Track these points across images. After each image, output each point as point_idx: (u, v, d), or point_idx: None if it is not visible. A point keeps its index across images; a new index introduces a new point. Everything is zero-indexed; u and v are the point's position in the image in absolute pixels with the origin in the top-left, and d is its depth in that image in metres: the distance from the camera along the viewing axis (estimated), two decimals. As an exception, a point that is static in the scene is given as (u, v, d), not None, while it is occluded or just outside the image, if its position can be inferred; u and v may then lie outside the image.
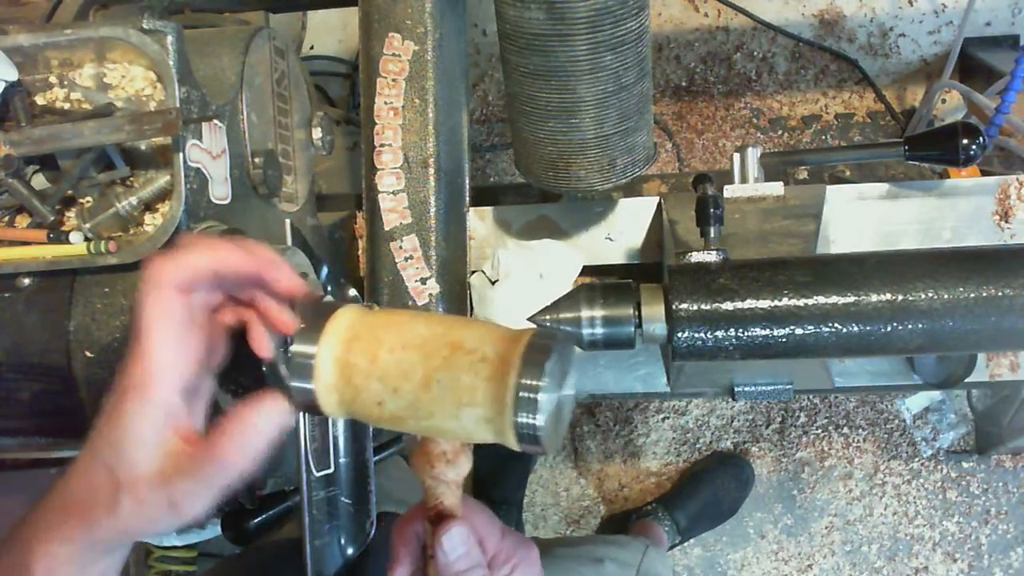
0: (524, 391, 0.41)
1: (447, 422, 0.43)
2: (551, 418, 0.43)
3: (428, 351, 0.43)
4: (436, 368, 0.43)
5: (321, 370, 0.45)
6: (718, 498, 1.56)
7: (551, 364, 0.42)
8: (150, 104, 0.68)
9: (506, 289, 0.95)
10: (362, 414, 0.46)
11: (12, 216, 0.67)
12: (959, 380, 0.90)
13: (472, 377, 0.42)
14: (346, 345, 0.45)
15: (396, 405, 0.44)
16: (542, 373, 0.41)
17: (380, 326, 0.45)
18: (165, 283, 0.44)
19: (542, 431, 0.42)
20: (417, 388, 0.43)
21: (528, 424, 0.41)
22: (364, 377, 0.44)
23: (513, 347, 0.43)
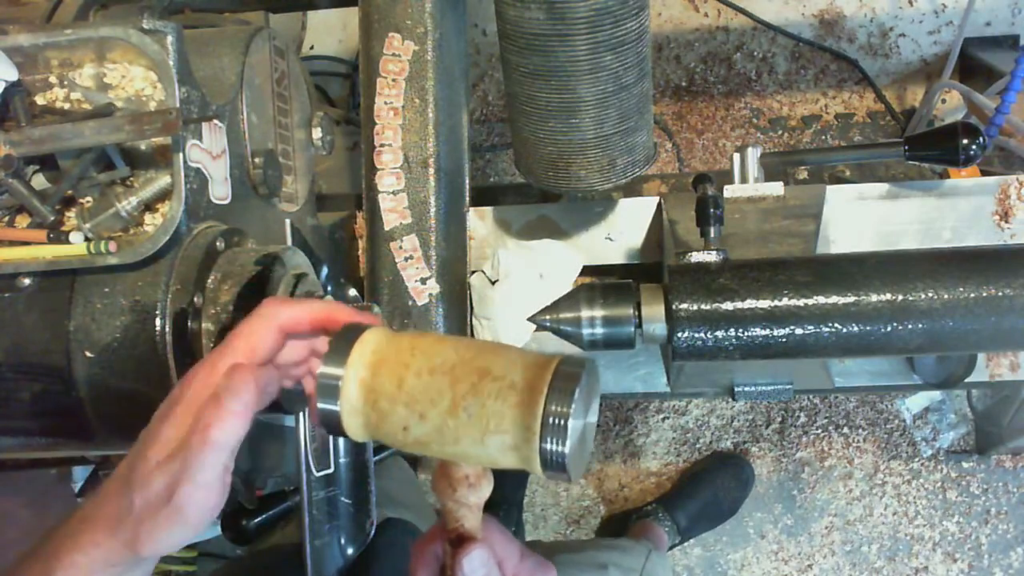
0: (552, 418, 0.41)
1: (473, 448, 0.43)
2: (577, 445, 0.43)
3: (456, 377, 0.43)
4: (464, 394, 0.43)
5: (347, 393, 0.45)
6: (718, 498, 1.56)
7: (579, 392, 0.42)
8: (150, 104, 0.68)
9: (506, 289, 0.95)
10: (387, 438, 0.46)
11: (12, 216, 0.67)
12: (959, 380, 0.90)
13: (500, 404, 0.42)
14: (372, 368, 0.45)
15: (422, 430, 0.44)
16: (571, 400, 0.41)
17: (407, 350, 0.45)
18: (273, 318, 0.49)
19: (568, 458, 0.41)
20: (444, 414, 0.43)
21: (555, 452, 0.41)
22: (390, 402, 0.44)
23: (541, 374, 0.42)
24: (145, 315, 0.62)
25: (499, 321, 0.94)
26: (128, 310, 0.62)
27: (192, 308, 0.63)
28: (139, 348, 0.62)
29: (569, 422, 0.41)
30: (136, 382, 0.62)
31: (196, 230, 0.67)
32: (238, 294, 0.64)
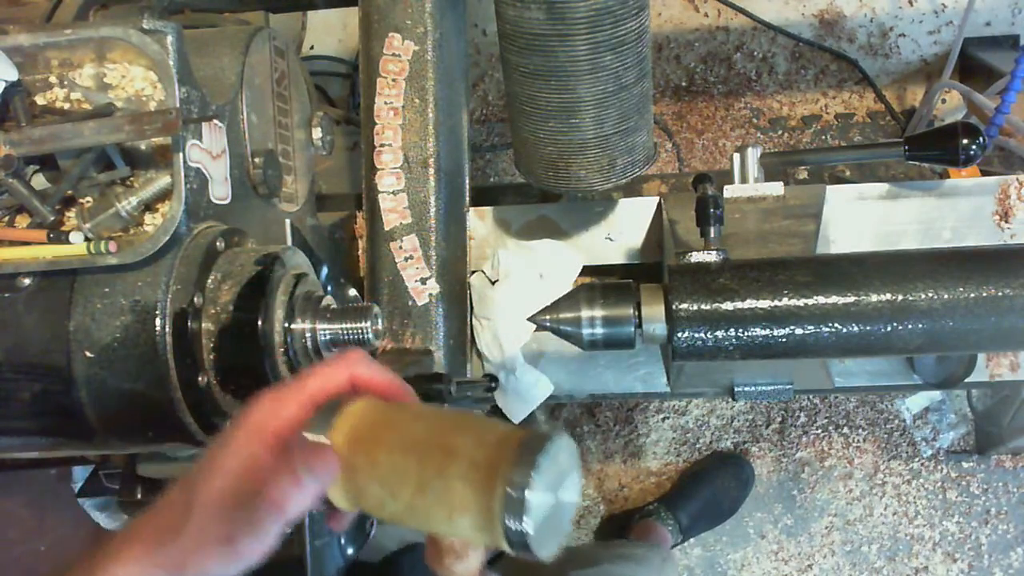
0: (512, 495, 0.40)
1: (444, 527, 0.43)
2: (544, 523, 0.41)
3: (423, 455, 0.43)
4: (430, 476, 0.43)
5: (332, 495, 0.47)
6: (718, 497, 1.56)
7: (542, 466, 0.41)
8: (150, 104, 0.68)
9: (506, 289, 0.95)
10: (369, 511, 0.46)
11: (12, 216, 0.67)
12: (959, 380, 0.90)
13: (463, 485, 0.42)
14: (350, 446, 0.45)
15: (395, 508, 0.44)
16: (530, 477, 0.40)
17: (383, 424, 0.46)
18: (353, 367, 0.50)
19: (532, 538, 0.40)
20: (413, 494, 0.43)
21: (517, 531, 0.40)
22: (365, 479, 0.45)
23: (502, 450, 0.42)
24: (145, 315, 0.62)
25: (499, 321, 0.94)
26: (128, 310, 0.62)
27: (192, 308, 0.63)
28: (139, 348, 0.62)
29: (528, 498, 0.40)
30: (136, 382, 0.62)
31: (196, 230, 0.67)
32: (238, 294, 0.64)
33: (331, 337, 0.67)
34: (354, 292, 0.97)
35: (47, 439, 0.68)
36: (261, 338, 0.63)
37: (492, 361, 0.95)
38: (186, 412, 0.64)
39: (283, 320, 0.65)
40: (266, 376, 0.64)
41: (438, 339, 0.91)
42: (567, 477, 0.43)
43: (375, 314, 0.68)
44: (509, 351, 0.94)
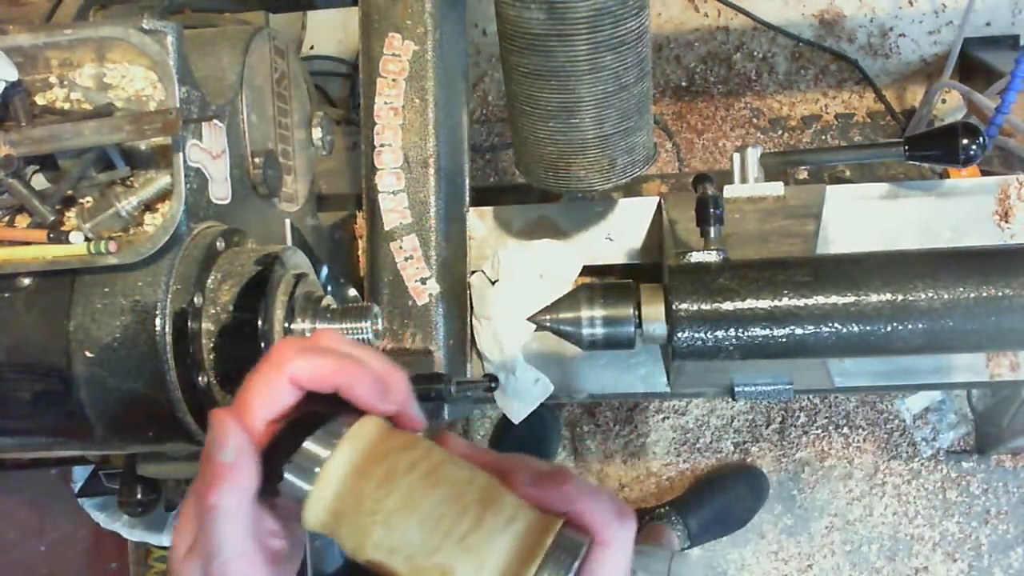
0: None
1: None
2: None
3: (415, 568, 0.39)
4: (464, 530, 0.39)
5: (309, 524, 0.42)
6: (731, 507, 1.56)
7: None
8: (150, 104, 0.68)
9: (506, 289, 0.95)
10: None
11: (12, 216, 0.67)
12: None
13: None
14: (333, 516, 0.41)
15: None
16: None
17: (368, 508, 0.40)
18: (286, 369, 0.42)
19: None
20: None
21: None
22: (352, 552, 0.41)
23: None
24: (145, 315, 0.62)
25: (499, 321, 0.94)
26: (128, 310, 0.62)
27: (192, 308, 0.63)
28: (139, 348, 0.62)
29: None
30: (136, 382, 0.62)
31: (196, 230, 0.67)
32: (238, 294, 0.64)
33: (331, 337, 0.67)
34: (354, 292, 0.97)
35: (47, 439, 0.68)
36: (261, 338, 0.63)
37: (492, 361, 0.95)
38: (186, 412, 0.64)
39: (283, 320, 0.65)
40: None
41: (438, 339, 0.91)
42: None
43: (375, 314, 0.68)
44: (509, 351, 0.94)
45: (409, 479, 0.40)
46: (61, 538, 1.36)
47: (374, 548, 0.40)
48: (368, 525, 0.40)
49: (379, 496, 0.40)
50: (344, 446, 0.41)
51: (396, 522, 0.39)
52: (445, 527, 0.39)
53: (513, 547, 0.39)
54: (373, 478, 0.41)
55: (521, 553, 0.38)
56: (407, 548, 0.39)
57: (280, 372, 0.42)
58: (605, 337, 0.67)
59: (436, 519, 0.39)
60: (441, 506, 0.39)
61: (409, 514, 0.39)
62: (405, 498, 0.40)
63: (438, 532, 0.39)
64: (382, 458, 0.41)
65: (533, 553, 0.38)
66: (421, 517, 0.39)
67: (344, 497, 0.41)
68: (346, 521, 0.40)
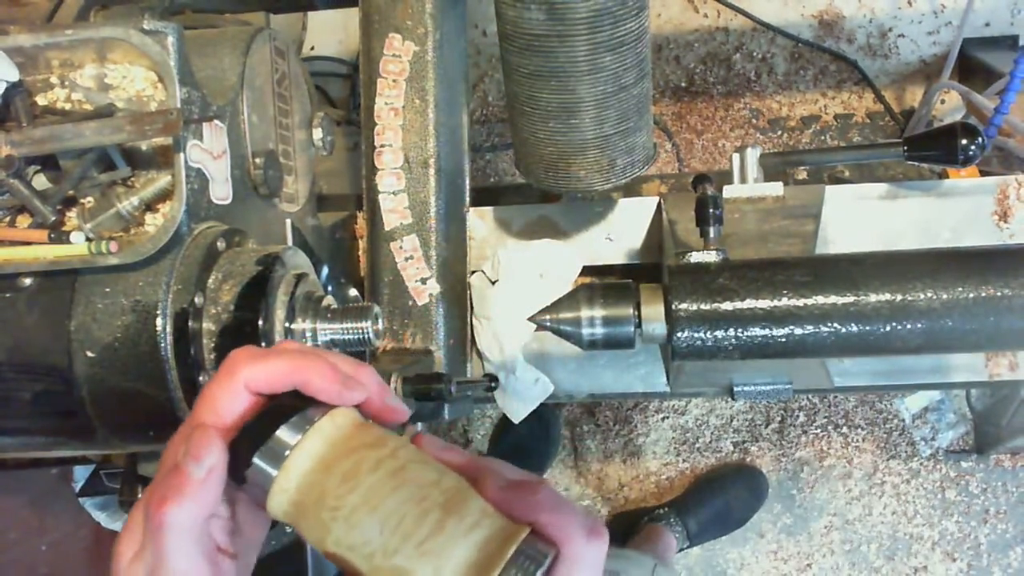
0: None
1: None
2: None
3: (373, 567, 0.39)
4: (427, 530, 0.38)
5: (273, 512, 0.41)
6: (730, 507, 1.56)
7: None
8: (151, 105, 0.68)
9: (506, 289, 0.95)
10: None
11: (13, 216, 0.67)
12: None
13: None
14: (295, 509, 0.41)
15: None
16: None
17: (330, 503, 0.39)
18: (238, 377, 0.42)
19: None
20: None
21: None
22: (314, 545, 0.41)
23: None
24: (146, 315, 0.62)
25: (499, 321, 0.94)
26: (129, 310, 0.62)
27: (193, 308, 0.63)
28: (140, 348, 0.62)
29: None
30: (137, 382, 0.63)
31: (197, 230, 0.67)
32: (239, 294, 0.64)
33: (331, 337, 0.67)
34: (354, 292, 0.97)
35: (48, 438, 0.68)
36: (262, 338, 0.63)
37: (492, 361, 0.96)
38: (187, 412, 0.64)
39: (284, 320, 0.65)
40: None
41: (438, 339, 0.91)
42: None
43: (375, 314, 0.68)
44: (509, 351, 0.94)
45: (373, 477, 0.40)
46: (62, 538, 1.36)
47: (334, 544, 0.39)
48: (329, 520, 0.39)
49: (341, 492, 0.39)
50: (311, 437, 0.41)
51: (356, 520, 0.39)
52: (405, 529, 0.38)
53: (473, 554, 0.38)
54: (337, 473, 0.40)
55: (481, 561, 0.38)
56: (366, 547, 0.38)
57: (233, 379, 0.42)
58: (605, 337, 0.67)
59: (397, 520, 0.38)
60: (403, 507, 0.39)
61: (370, 513, 0.39)
62: (367, 496, 0.39)
63: (398, 534, 0.38)
64: (349, 453, 0.41)
65: (493, 562, 0.37)
66: (382, 517, 0.39)
67: (307, 490, 0.40)
68: (308, 514, 0.40)
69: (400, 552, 0.38)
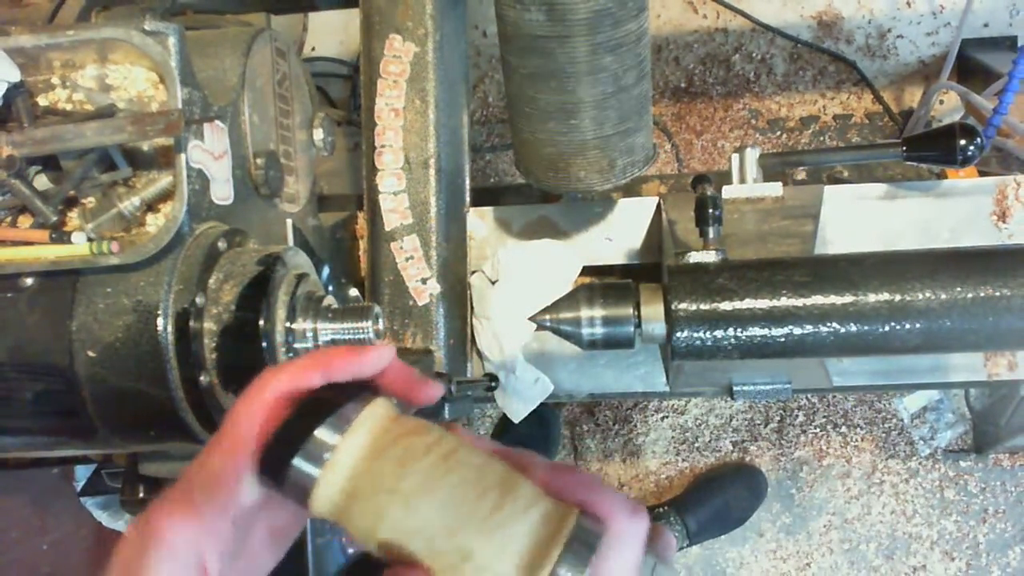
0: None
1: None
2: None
3: (434, 549, 0.39)
4: (440, 571, 0.38)
5: (317, 507, 0.41)
6: (730, 506, 1.56)
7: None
8: (152, 105, 0.69)
9: (506, 289, 0.95)
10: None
11: (15, 216, 0.68)
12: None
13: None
14: (346, 497, 0.40)
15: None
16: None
17: (387, 487, 0.39)
18: (270, 392, 0.43)
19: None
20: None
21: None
22: (361, 536, 0.40)
23: (531, 573, 0.38)
24: (147, 315, 0.62)
25: (499, 321, 0.94)
26: (130, 310, 0.62)
27: (194, 308, 0.63)
28: (141, 348, 0.62)
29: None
30: (138, 381, 0.63)
31: (198, 230, 0.67)
32: (240, 294, 0.64)
33: (332, 337, 0.67)
34: (355, 292, 0.97)
35: (49, 438, 0.68)
36: (263, 338, 0.63)
37: (492, 361, 0.96)
38: (188, 411, 0.64)
39: (284, 320, 0.65)
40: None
41: (438, 339, 0.91)
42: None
43: (376, 314, 0.68)
44: (509, 351, 0.94)
45: (427, 461, 0.40)
46: (63, 537, 1.36)
47: (389, 530, 0.39)
48: (385, 506, 0.39)
49: (396, 478, 0.39)
50: (359, 428, 0.41)
51: (415, 503, 0.39)
52: (466, 509, 0.38)
53: (534, 531, 0.38)
54: (390, 459, 0.40)
55: (543, 538, 0.38)
56: (426, 530, 0.38)
57: (262, 391, 0.42)
58: (605, 337, 0.67)
59: (456, 501, 0.39)
60: (461, 488, 0.39)
61: (429, 495, 0.39)
62: (424, 479, 0.39)
63: (459, 514, 0.38)
64: (397, 440, 0.41)
65: (554, 538, 0.38)
66: (441, 498, 0.39)
67: (359, 478, 0.40)
68: (361, 502, 0.40)
69: (462, 532, 0.38)
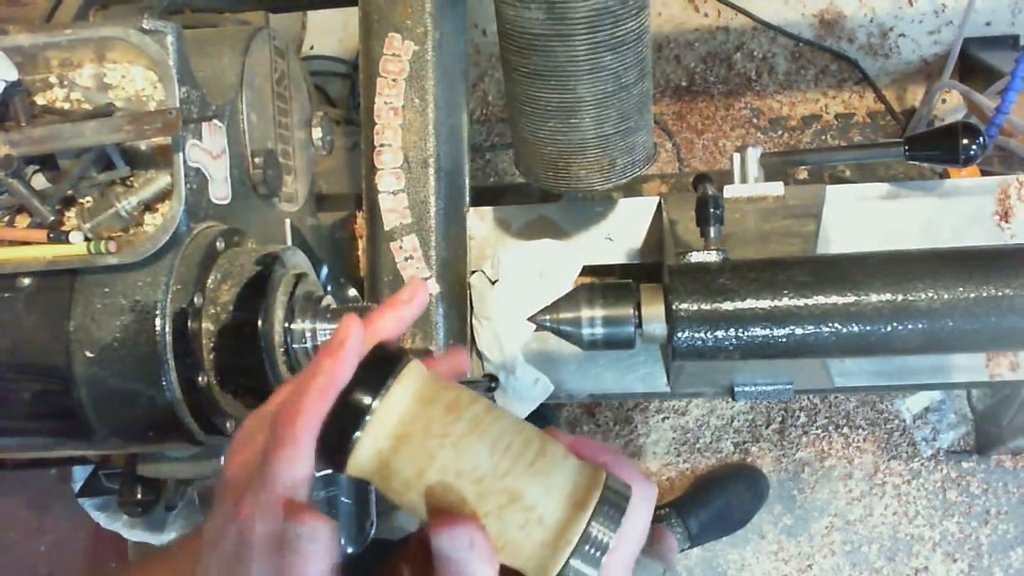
0: (577, 563, 0.39)
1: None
2: None
3: (482, 491, 0.40)
4: (485, 514, 0.40)
5: (360, 456, 0.42)
6: (731, 508, 1.56)
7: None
8: (150, 104, 0.68)
9: (506, 289, 0.95)
10: (389, 498, 0.43)
11: (12, 216, 0.67)
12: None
13: (523, 537, 0.40)
14: (394, 442, 0.41)
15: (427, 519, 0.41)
16: (602, 550, 0.39)
17: (437, 431, 0.41)
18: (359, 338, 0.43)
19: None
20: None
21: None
22: (404, 486, 0.41)
23: (576, 514, 0.40)
24: (145, 315, 0.62)
25: (499, 321, 0.94)
26: (128, 310, 0.62)
27: (192, 308, 0.63)
28: (139, 348, 0.62)
29: (594, 568, 0.39)
30: (136, 382, 0.62)
31: (196, 230, 0.67)
32: (238, 294, 0.64)
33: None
34: (354, 292, 0.97)
35: (47, 439, 0.68)
36: (261, 338, 0.63)
37: (492, 361, 0.95)
38: (186, 412, 0.64)
39: (283, 320, 0.65)
40: (266, 376, 0.64)
41: (438, 339, 0.91)
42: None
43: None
44: (509, 351, 0.94)
45: (474, 408, 0.42)
46: (61, 538, 1.36)
47: (439, 471, 0.40)
48: (435, 448, 0.40)
49: (448, 420, 0.41)
50: (406, 377, 0.42)
51: (465, 445, 0.40)
52: (514, 452, 0.41)
53: (575, 478, 0.41)
54: (440, 404, 0.42)
55: (583, 484, 0.41)
56: (476, 471, 0.40)
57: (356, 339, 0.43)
58: (605, 337, 0.67)
59: (506, 444, 0.41)
60: (508, 434, 0.41)
61: (480, 437, 0.41)
62: (473, 423, 0.41)
63: (508, 456, 0.40)
64: (442, 391, 0.43)
65: (592, 486, 0.41)
66: (491, 441, 0.41)
67: (410, 423, 0.41)
68: (409, 446, 0.41)
69: (511, 473, 0.40)
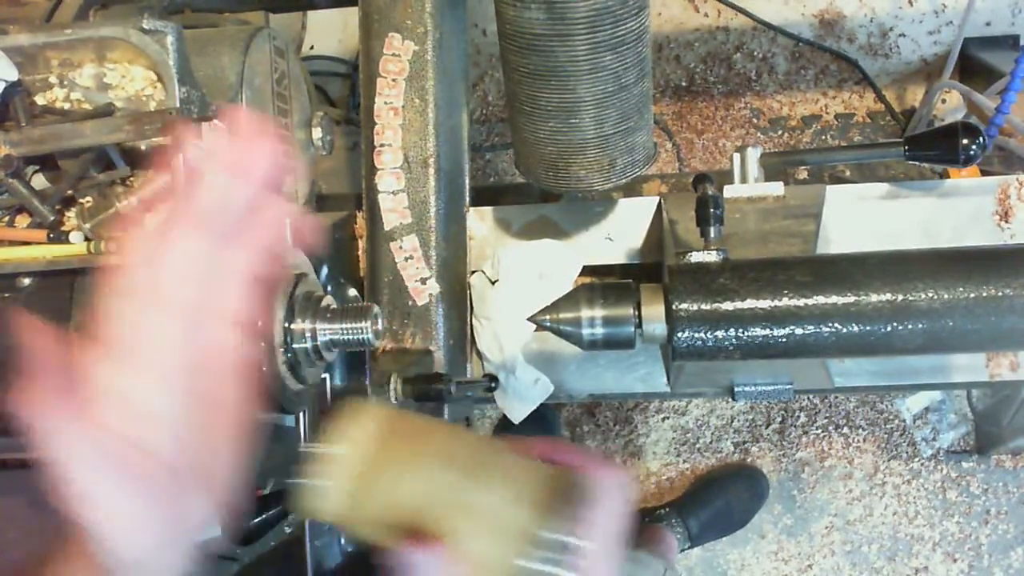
0: (545, 567, 0.41)
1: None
2: None
3: (445, 513, 0.42)
4: (452, 532, 0.42)
5: (328, 503, 0.44)
6: (731, 508, 1.56)
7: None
8: (150, 104, 0.68)
9: (506, 289, 0.95)
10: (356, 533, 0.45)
11: (12, 216, 0.67)
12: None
13: (489, 547, 0.42)
14: (358, 482, 0.43)
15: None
16: (565, 549, 0.41)
17: (399, 461, 0.43)
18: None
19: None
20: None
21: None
22: (371, 520, 0.43)
23: (537, 517, 0.42)
24: (145, 315, 0.62)
25: (499, 321, 0.94)
26: (128, 310, 0.62)
27: (192, 308, 0.63)
28: (139, 348, 0.62)
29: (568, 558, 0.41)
30: (136, 382, 0.62)
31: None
32: (238, 294, 0.64)
33: (331, 337, 0.67)
34: (354, 292, 0.97)
35: (47, 439, 0.68)
36: (261, 338, 0.63)
37: (492, 361, 0.95)
38: (186, 412, 0.64)
39: (283, 320, 0.65)
40: (265, 376, 0.64)
41: (438, 339, 0.91)
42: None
43: (375, 314, 0.68)
44: (509, 351, 0.94)
45: (432, 435, 0.45)
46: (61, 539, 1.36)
47: (403, 501, 0.42)
48: (398, 479, 0.43)
49: (413, 447, 0.44)
50: (363, 418, 0.45)
51: (426, 472, 0.43)
52: (474, 469, 0.44)
53: (538, 481, 0.44)
54: (402, 435, 0.45)
55: (546, 486, 0.44)
56: (437, 494, 0.43)
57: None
58: (605, 337, 0.67)
59: (464, 464, 0.44)
60: (465, 453, 0.44)
61: (440, 463, 0.44)
62: (431, 449, 0.44)
63: (468, 475, 0.43)
64: (401, 421, 0.46)
65: (557, 485, 0.44)
66: (454, 464, 0.44)
67: (376, 457, 0.44)
68: (373, 484, 0.43)
69: (470, 490, 0.43)
